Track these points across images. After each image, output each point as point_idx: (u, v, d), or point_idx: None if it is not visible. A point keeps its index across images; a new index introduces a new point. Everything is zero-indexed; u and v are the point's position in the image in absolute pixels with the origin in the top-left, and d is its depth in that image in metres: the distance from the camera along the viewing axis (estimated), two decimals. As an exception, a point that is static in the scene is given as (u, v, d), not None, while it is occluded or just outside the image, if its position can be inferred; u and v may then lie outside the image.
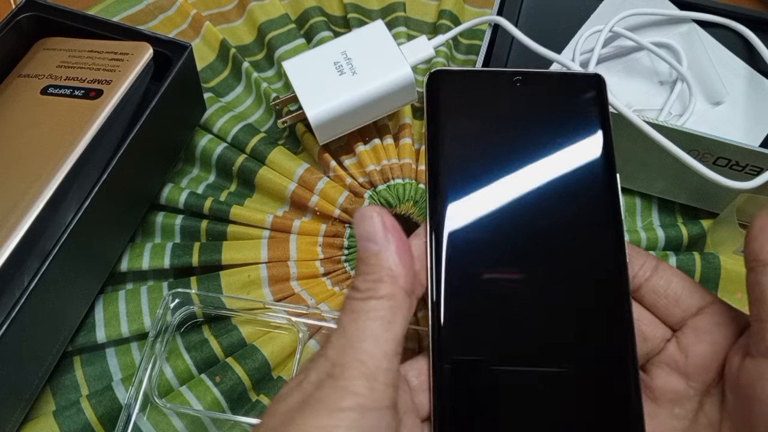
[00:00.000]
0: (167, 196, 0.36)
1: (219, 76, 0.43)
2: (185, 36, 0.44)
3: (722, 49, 0.39)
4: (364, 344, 0.17)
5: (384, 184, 0.38)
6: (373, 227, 0.19)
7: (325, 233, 0.36)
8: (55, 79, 0.32)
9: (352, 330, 0.18)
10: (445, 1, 0.45)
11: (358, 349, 0.17)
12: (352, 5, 0.45)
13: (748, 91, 0.38)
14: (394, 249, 0.19)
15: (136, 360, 0.32)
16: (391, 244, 0.19)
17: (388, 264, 0.18)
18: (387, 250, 0.19)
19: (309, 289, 0.34)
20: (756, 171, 0.33)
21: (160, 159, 0.36)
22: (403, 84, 0.35)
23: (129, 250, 0.34)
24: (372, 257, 0.19)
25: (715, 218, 0.37)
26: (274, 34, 0.43)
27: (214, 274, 0.34)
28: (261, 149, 0.37)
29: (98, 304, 0.33)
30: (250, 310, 0.33)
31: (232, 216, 0.35)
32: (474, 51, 0.44)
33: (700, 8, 0.40)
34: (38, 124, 0.30)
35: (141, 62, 0.32)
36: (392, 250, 0.19)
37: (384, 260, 0.18)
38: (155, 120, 0.32)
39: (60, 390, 0.31)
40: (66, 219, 0.28)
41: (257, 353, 0.31)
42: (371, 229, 0.19)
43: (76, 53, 0.33)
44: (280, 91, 0.41)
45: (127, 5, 0.44)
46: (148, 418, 0.30)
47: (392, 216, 0.19)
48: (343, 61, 0.35)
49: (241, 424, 0.30)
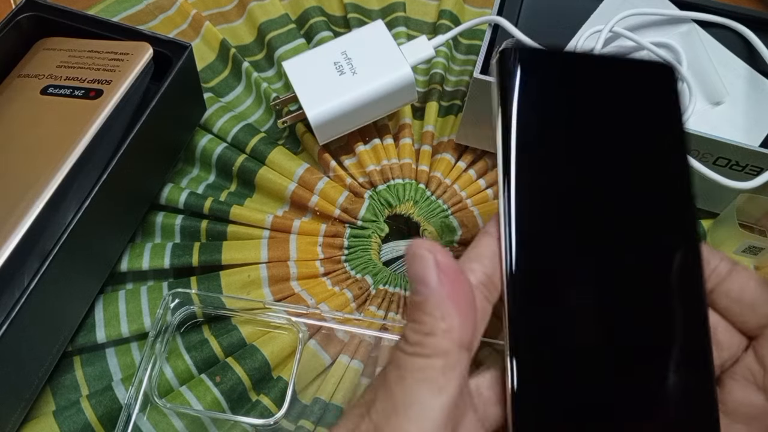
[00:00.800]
0: (167, 196, 0.36)
1: (219, 76, 0.43)
2: (185, 36, 0.44)
3: (722, 49, 0.39)
4: (411, 412, 0.15)
5: (384, 184, 0.38)
6: (423, 268, 0.17)
7: (325, 233, 0.36)
8: (55, 79, 0.32)
9: (398, 392, 0.16)
10: (445, 1, 0.45)
11: (404, 416, 0.15)
12: (352, 5, 0.45)
13: (748, 91, 0.38)
14: (446, 295, 0.16)
15: (136, 360, 0.32)
16: (445, 289, 0.16)
17: (441, 314, 0.16)
18: (439, 297, 0.16)
19: (309, 289, 0.34)
20: (756, 171, 0.33)
21: (160, 159, 0.36)
22: (403, 84, 0.35)
23: (129, 250, 0.34)
24: (423, 304, 0.16)
25: (715, 218, 0.37)
26: (274, 34, 0.43)
27: (214, 274, 0.34)
28: (261, 149, 0.37)
29: (98, 304, 0.33)
30: (250, 310, 0.33)
31: (232, 216, 0.35)
32: (474, 51, 0.44)
33: (700, 8, 0.40)
34: (38, 124, 0.30)
35: (141, 62, 0.32)
36: (445, 297, 0.16)
37: (435, 309, 0.16)
38: (155, 120, 0.32)
39: (60, 390, 0.31)
40: (66, 219, 0.28)
41: (257, 353, 0.31)
42: (421, 271, 0.17)
43: (76, 53, 0.33)
44: (280, 91, 0.41)
45: (127, 5, 0.44)
46: (148, 418, 0.30)
47: (447, 252, 0.17)
48: (343, 61, 0.35)
49: (241, 424, 0.30)
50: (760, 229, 0.37)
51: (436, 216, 0.37)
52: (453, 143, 0.39)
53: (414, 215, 0.37)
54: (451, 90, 0.42)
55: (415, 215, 0.37)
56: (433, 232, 0.36)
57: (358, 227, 0.36)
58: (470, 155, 0.39)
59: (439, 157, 0.39)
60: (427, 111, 0.40)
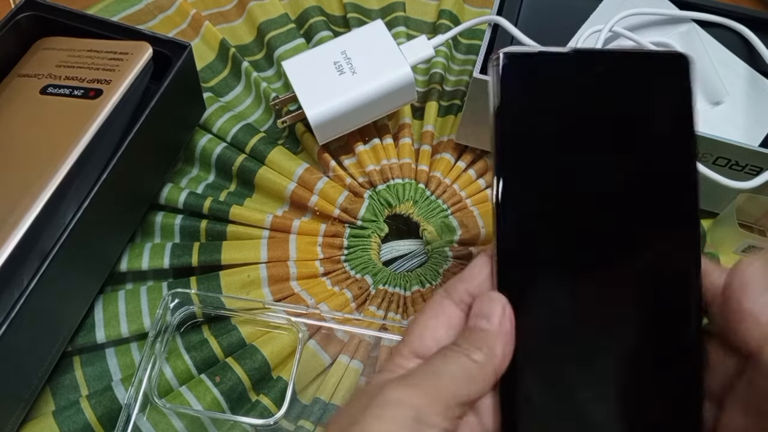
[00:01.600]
0: (167, 196, 0.36)
1: (218, 76, 0.43)
2: (185, 36, 0.44)
3: (722, 49, 0.39)
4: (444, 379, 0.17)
5: (384, 184, 0.38)
6: (493, 309, 0.18)
7: (325, 233, 0.36)
8: (55, 79, 0.32)
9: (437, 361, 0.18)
10: (445, 1, 0.45)
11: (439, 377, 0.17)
12: (351, 5, 0.45)
13: (748, 91, 0.38)
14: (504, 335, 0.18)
15: (135, 360, 0.32)
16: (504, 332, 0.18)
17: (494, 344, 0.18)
18: (497, 333, 0.18)
19: (309, 289, 0.34)
20: (756, 171, 0.33)
21: (159, 159, 0.36)
22: (403, 84, 0.35)
23: (128, 250, 0.34)
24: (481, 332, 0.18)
25: (715, 218, 0.37)
26: (274, 33, 0.43)
27: (213, 274, 0.34)
28: (261, 149, 0.37)
29: (98, 304, 0.33)
30: (250, 310, 0.33)
31: (231, 216, 0.35)
32: (474, 51, 0.44)
33: (700, 8, 0.40)
34: (38, 124, 0.30)
35: (140, 62, 0.32)
36: (502, 335, 0.18)
37: (491, 339, 0.18)
38: (155, 120, 0.32)
39: (60, 390, 0.31)
40: (66, 219, 0.28)
41: (257, 353, 0.31)
42: (490, 310, 0.18)
43: (75, 53, 0.33)
44: (280, 90, 0.41)
45: (127, 5, 0.44)
46: (147, 418, 0.30)
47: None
48: (343, 61, 0.35)
49: (241, 424, 0.30)
50: (760, 229, 0.37)
51: (435, 216, 0.37)
52: (453, 143, 0.39)
53: (414, 215, 0.37)
54: (451, 90, 0.41)
55: (415, 215, 0.37)
56: (432, 231, 0.36)
57: (357, 227, 0.36)
58: (470, 155, 0.39)
59: (439, 157, 0.39)
60: (426, 111, 0.40)
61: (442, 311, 0.19)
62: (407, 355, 0.18)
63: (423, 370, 0.17)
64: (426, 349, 0.18)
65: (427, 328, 0.19)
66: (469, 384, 0.17)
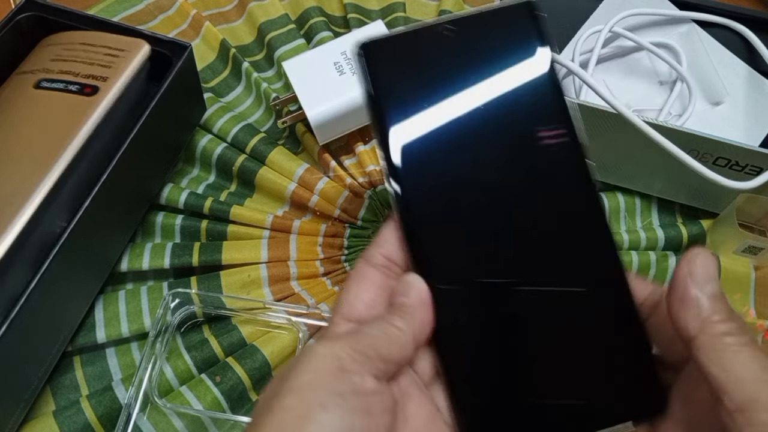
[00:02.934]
0: (167, 196, 0.36)
1: (219, 76, 0.43)
2: (185, 36, 0.44)
3: (722, 49, 0.39)
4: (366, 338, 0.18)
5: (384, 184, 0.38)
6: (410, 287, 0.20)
7: (325, 233, 0.36)
8: (49, 73, 0.31)
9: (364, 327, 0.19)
10: (445, 1, 0.45)
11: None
12: (352, 5, 0.45)
13: (748, 91, 0.38)
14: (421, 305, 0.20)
15: (136, 360, 0.32)
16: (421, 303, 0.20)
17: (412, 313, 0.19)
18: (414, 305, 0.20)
19: (309, 289, 0.34)
20: (756, 171, 0.33)
21: (160, 159, 0.36)
22: (403, 84, 0.35)
23: (129, 250, 0.34)
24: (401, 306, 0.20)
25: (715, 218, 0.37)
26: (274, 34, 0.43)
27: (214, 274, 0.34)
28: (261, 149, 0.38)
29: (98, 304, 0.33)
30: (250, 310, 0.33)
31: (232, 216, 0.35)
32: (474, 51, 0.44)
33: (700, 8, 0.40)
34: (33, 120, 0.30)
35: (137, 59, 0.32)
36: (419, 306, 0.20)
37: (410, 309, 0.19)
38: (155, 120, 0.32)
39: (60, 390, 0.31)
40: (62, 218, 0.28)
41: (257, 353, 0.31)
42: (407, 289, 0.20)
43: (68, 46, 0.32)
44: (280, 91, 0.41)
45: (127, 5, 0.44)
46: (148, 418, 0.30)
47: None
48: (343, 61, 0.35)
49: (241, 424, 0.30)
50: (760, 229, 0.37)
51: (436, 216, 0.37)
52: (453, 143, 0.39)
53: (414, 215, 0.37)
54: (451, 90, 0.41)
55: (415, 215, 0.37)
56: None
57: (358, 227, 0.36)
58: (470, 155, 0.39)
59: (439, 157, 0.39)
60: (427, 111, 0.40)
61: (364, 276, 0.20)
62: (338, 321, 0.20)
63: (348, 331, 0.19)
64: (356, 311, 0.20)
65: (354, 293, 0.20)
66: (390, 345, 0.18)
